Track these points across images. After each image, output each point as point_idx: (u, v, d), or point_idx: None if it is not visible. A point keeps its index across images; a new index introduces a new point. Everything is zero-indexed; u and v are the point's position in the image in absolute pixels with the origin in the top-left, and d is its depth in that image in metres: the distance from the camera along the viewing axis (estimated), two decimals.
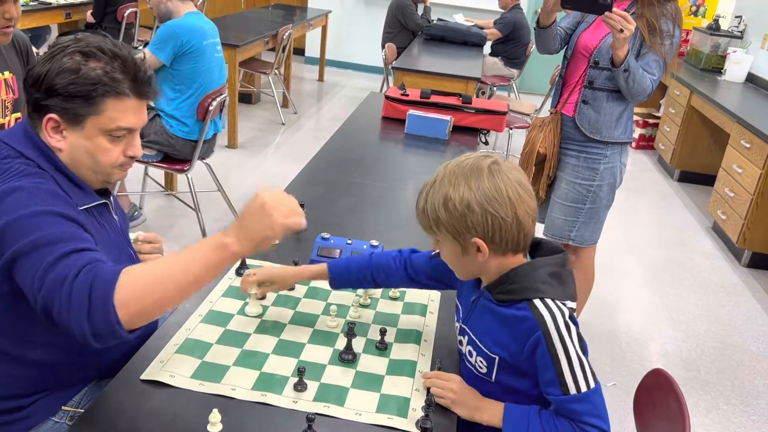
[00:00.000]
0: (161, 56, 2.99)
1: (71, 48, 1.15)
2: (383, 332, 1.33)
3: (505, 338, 1.17)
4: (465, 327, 1.26)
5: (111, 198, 1.34)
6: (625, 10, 2.12)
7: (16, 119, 1.94)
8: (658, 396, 1.35)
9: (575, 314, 1.15)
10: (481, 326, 1.22)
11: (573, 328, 1.12)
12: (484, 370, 1.22)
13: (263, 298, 1.45)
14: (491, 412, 1.19)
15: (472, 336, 1.23)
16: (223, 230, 1.07)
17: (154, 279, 1.02)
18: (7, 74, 1.89)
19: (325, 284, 1.53)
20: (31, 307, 1.08)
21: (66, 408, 1.26)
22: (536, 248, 1.23)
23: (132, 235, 1.46)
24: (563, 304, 1.14)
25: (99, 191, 1.29)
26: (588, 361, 1.13)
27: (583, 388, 1.11)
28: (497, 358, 1.19)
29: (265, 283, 1.39)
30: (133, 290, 1.00)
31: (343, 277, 1.40)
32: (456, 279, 1.29)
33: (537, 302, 1.13)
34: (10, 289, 1.11)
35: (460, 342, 1.29)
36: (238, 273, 1.54)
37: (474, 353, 1.23)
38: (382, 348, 1.32)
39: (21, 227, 1.06)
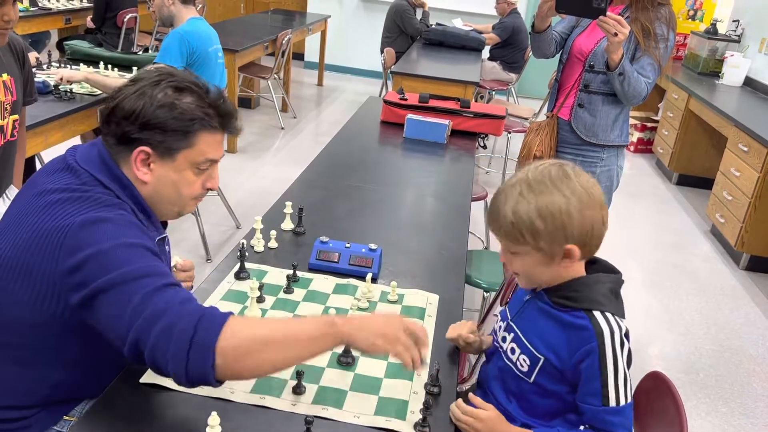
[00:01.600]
0: (174, 64, 2.98)
1: (163, 83, 1.17)
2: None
3: (558, 342, 1.18)
4: (513, 324, 1.28)
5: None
6: (620, 14, 2.14)
7: (14, 121, 1.96)
8: (655, 399, 1.36)
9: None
10: (533, 326, 1.23)
11: (626, 344, 1.15)
12: (525, 369, 1.23)
13: (262, 301, 1.46)
14: None
15: (519, 334, 1.25)
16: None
17: (258, 336, 1.04)
18: (5, 76, 1.90)
19: (323, 287, 1.55)
20: (80, 330, 1.11)
21: (68, 417, 1.26)
22: (593, 264, 1.25)
23: (171, 261, 1.47)
24: (621, 320, 1.16)
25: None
26: (630, 376, 1.15)
27: (622, 402, 1.14)
28: (543, 359, 1.20)
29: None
30: (235, 343, 1.01)
31: None
32: None
33: (597, 314, 1.15)
34: (69, 315, 1.11)
35: (503, 339, 1.29)
36: (237, 277, 1.54)
37: (518, 351, 1.24)
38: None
39: (109, 259, 1.06)
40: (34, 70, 3.01)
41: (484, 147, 3.08)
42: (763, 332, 3.15)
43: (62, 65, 3.20)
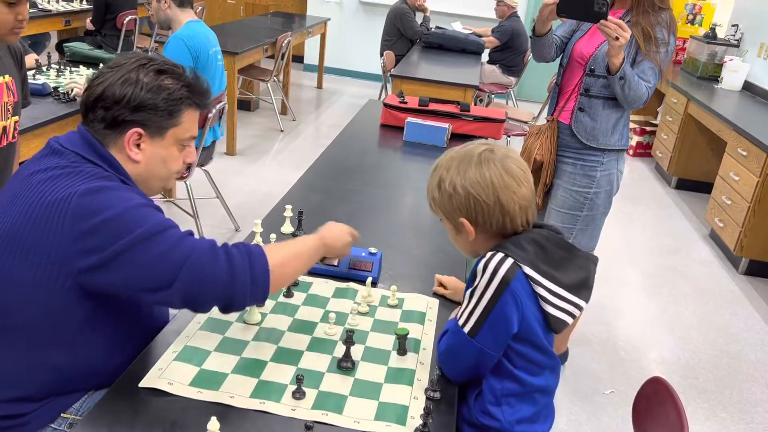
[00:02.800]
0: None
1: (145, 67, 1.24)
2: (403, 337, 1.34)
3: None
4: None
5: None
6: (620, 18, 2.14)
7: (15, 122, 1.96)
8: (656, 404, 1.35)
9: (527, 276, 1.20)
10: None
11: (497, 278, 1.18)
12: None
13: (262, 304, 1.45)
14: None
15: None
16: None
17: (288, 253, 1.27)
18: (7, 78, 1.91)
19: (323, 291, 1.54)
20: (77, 303, 1.15)
21: (65, 415, 1.26)
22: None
23: None
24: (519, 264, 1.19)
25: None
26: (490, 321, 1.19)
27: (466, 328, 1.22)
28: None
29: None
30: (276, 261, 1.22)
31: None
32: None
33: (494, 253, 1.21)
34: (71, 284, 1.15)
35: None
36: None
37: None
38: (402, 353, 1.33)
39: (124, 221, 1.13)
40: (34, 72, 3.01)
41: None
42: (763, 337, 3.15)
43: (62, 67, 3.20)
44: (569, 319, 1.24)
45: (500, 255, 1.20)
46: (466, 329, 1.22)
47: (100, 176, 1.19)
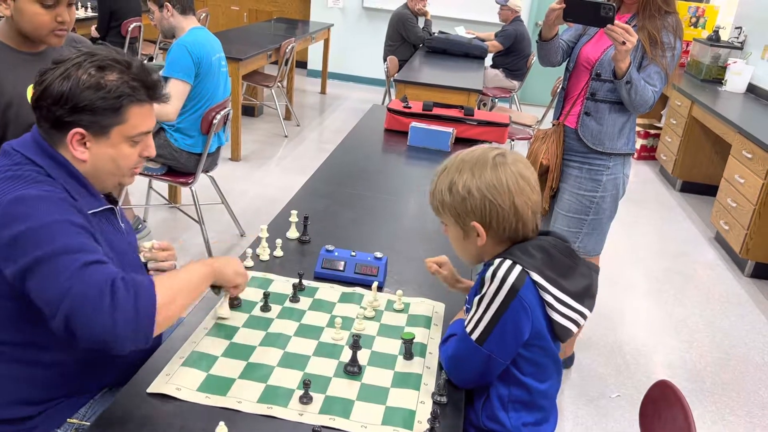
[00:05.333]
0: (186, 77, 2.99)
1: (86, 63, 1.20)
2: (409, 341, 1.34)
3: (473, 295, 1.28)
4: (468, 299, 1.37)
5: (117, 206, 1.37)
6: (627, 23, 2.14)
7: None
8: (664, 408, 1.35)
9: (537, 285, 1.20)
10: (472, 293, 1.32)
11: (506, 285, 1.18)
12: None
13: (268, 309, 1.46)
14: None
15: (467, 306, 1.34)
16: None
17: (178, 286, 1.17)
18: None
19: (329, 296, 1.54)
20: (35, 310, 1.11)
21: (71, 420, 1.27)
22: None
23: (147, 244, 1.48)
24: (527, 271, 1.19)
25: (106, 199, 1.32)
26: (499, 328, 1.19)
27: (474, 335, 1.21)
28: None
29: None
30: (165, 299, 1.12)
31: None
32: None
33: (502, 260, 1.21)
34: (17, 294, 1.13)
35: None
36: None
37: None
38: (408, 358, 1.33)
39: (39, 235, 1.09)
40: None
41: None
42: None
43: None
44: (574, 328, 1.24)
45: (509, 262, 1.20)
46: (474, 336, 1.21)
47: (36, 180, 1.17)
